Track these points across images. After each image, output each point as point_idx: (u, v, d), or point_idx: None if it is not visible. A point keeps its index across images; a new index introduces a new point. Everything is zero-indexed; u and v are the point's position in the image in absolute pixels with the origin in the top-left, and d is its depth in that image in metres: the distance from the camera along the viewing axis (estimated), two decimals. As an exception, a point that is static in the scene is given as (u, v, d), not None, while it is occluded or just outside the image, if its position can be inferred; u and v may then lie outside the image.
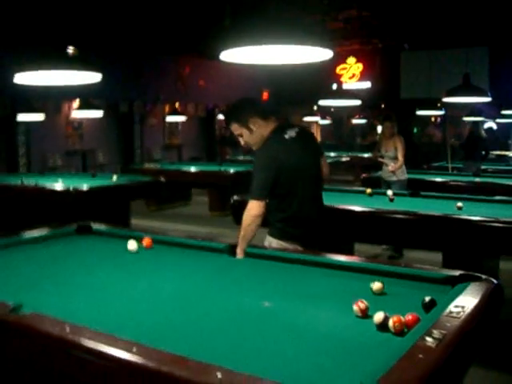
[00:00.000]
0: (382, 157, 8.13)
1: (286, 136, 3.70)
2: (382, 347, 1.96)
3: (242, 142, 3.81)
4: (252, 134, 3.70)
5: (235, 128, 3.74)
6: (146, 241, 3.67)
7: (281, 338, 2.12)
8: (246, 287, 2.85)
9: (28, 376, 2.32)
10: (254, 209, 3.54)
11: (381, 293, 2.63)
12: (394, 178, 7.93)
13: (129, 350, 1.89)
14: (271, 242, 3.76)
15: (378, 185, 7.98)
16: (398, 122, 8.45)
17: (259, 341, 2.10)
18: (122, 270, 3.20)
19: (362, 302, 2.30)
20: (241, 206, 6.19)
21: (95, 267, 3.27)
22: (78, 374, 2.05)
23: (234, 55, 3.17)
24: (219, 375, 1.68)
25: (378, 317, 2.13)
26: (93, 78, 4.49)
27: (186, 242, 3.72)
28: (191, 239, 3.77)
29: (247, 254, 3.37)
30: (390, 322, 2.08)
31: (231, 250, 3.47)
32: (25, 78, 4.43)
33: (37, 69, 4.19)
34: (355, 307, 2.29)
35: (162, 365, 1.79)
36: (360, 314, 2.28)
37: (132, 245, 3.59)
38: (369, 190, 6.65)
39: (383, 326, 2.11)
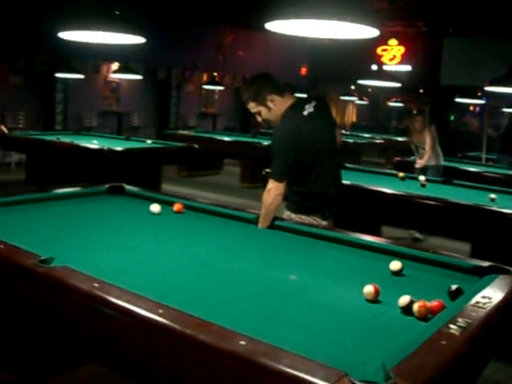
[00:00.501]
0: (417, 148, 8.01)
1: (305, 113, 3.64)
2: (406, 330, 1.97)
3: (260, 119, 3.75)
4: (270, 111, 3.64)
5: (252, 106, 3.67)
6: (177, 206, 3.70)
7: (306, 312, 2.14)
8: (273, 259, 2.86)
9: (53, 328, 2.37)
10: (274, 188, 3.51)
11: (399, 273, 2.64)
12: (432, 163, 7.82)
13: (154, 311, 1.91)
14: (289, 215, 3.76)
15: (411, 169, 7.91)
16: (436, 108, 8.34)
17: (284, 313, 2.11)
18: (151, 233, 3.23)
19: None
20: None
21: (125, 228, 3.31)
22: (103, 330, 2.09)
23: (280, 26, 3.14)
24: (243, 342, 1.70)
25: (404, 300, 2.13)
26: (136, 40, 4.50)
27: (215, 209, 3.73)
28: (221, 207, 3.78)
29: (277, 227, 3.38)
30: (415, 306, 2.08)
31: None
32: (68, 35, 4.46)
33: (84, 28, 4.21)
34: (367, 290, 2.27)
35: (186, 328, 1.81)
36: (369, 298, 2.26)
37: (155, 207, 3.62)
38: (401, 174, 6.61)
39: (408, 310, 2.11)
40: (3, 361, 3.03)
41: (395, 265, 2.66)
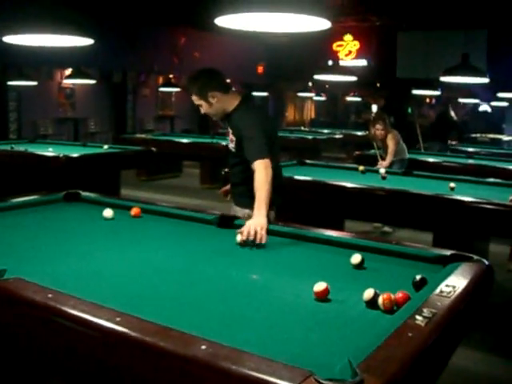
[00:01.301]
0: (381, 155, 7.91)
1: (254, 106, 3.83)
2: (371, 324, 1.93)
3: (202, 112, 3.77)
4: (211, 106, 3.66)
5: (195, 99, 3.69)
6: (134, 210, 3.63)
7: (267, 311, 2.09)
8: (233, 259, 2.80)
9: (8, 342, 2.28)
10: (268, 167, 3.38)
11: (360, 266, 2.62)
12: (396, 158, 7.80)
13: (112, 320, 1.85)
14: (237, 211, 3.72)
15: (371, 163, 7.93)
16: (392, 101, 8.33)
17: (245, 313, 2.06)
18: (108, 239, 3.15)
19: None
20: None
21: (82, 235, 3.22)
22: (61, 342, 2.01)
23: (231, 21, 3.10)
24: (203, 347, 1.64)
25: (368, 293, 2.10)
26: (84, 42, 4.40)
27: (174, 212, 3.67)
28: (180, 209, 3.72)
29: (236, 226, 3.31)
30: (380, 299, 2.05)
31: (220, 221, 3.43)
32: (14, 39, 4.34)
33: (28, 32, 4.10)
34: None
35: (145, 335, 1.75)
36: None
37: (108, 212, 3.55)
38: (361, 168, 6.63)
39: (373, 303, 2.08)
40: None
41: (355, 258, 2.64)
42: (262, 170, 3.37)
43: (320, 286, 2.17)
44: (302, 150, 12.36)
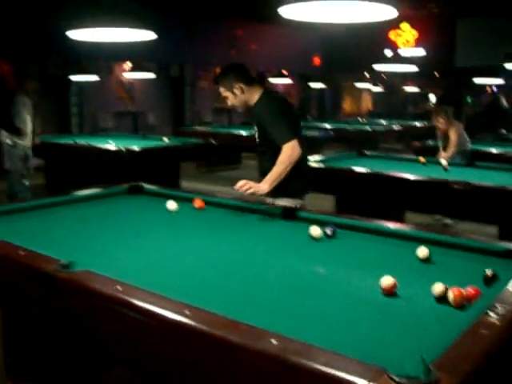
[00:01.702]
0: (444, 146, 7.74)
1: (277, 96, 4.08)
2: (442, 321, 1.89)
3: (229, 103, 4.01)
4: (236, 97, 3.91)
5: (222, 91, 3.96)
6: (198, 202, 3.65)
7: (336, 305, 2.07)
8: (298, 252, 2.79)
9: (76, 333, 2.33)
10: (297, 148, 3.67)
11: (427, 259, 2.56)
12: (459, 149, 7.63)
13: (181, 312, 1.86)
14: (270, 200, 3.84)
15: (431, 154, 7.77)
16: (451, 91, 8.11)
17: (312, 308, 2.04)
18: (172, 231, 3.18)
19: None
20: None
21: (146, 227, 3.26)
22: (128, 334, 2.04)
23: (296, 12, 3.07)
24: (274, 341, 1.64)
25: (438, 288, 2.05)
26: (147, 36, 4.45)
27: (238, 204, 3.68)
28: (244, 202, 3.71)
29: (302, 219, 3.30)
30: (451, 295, 2.00)
31: (284, 213, 3.41)
32: (78, 34, 4.42)
33: (93, 26, 4.16)
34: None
35: (214, 328, 1.76)
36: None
37: (171, 205, 3.58)
38: (422, 159, 6.52)
39: (442, 298, 2.03)
40: (28, 369, 3.00)
41: (422, 251, 2.59)
42: (287, 151, 3.66)
43: (387, 281, 2.13)
44: (360, 141, 12.24)
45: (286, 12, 3.08)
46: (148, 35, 4.42)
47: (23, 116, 7.58)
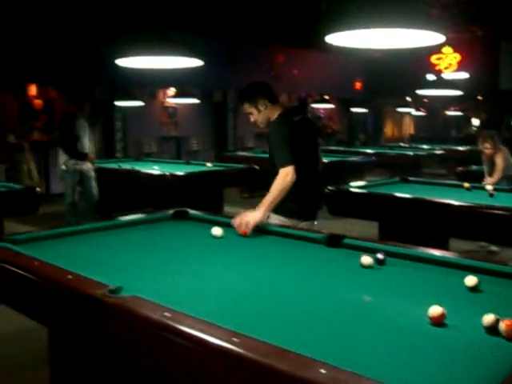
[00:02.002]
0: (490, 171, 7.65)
1: (295, 119, 4.14)
2: (495, 353, 1.86)
3: (252, 119, 4.18)
4: (260, 113, 4.12)
5: (246, 107, 4.15)
6: (242, 229, 3.66)
7: (382, 334, 2.05)
8: (344, 279, 2.78)
9: (123, 359, 2.35)
10: (290, 174, 3.84)
11: (475, 288, 2.52)
12: (504, 174, 7.53)
13: (229, 340, 1.86)
14: (271, 217, 4.02)
15: (475, 179, 7.68)
16: (496, 114, 8.01)
17: (359, 336, 2.03)
18: (218, 257, 3.20)
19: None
20: (335, 196, 6.19)
21: (192, 253, 3.28)
22: (177, 360, 2.04)
23: (343, 39, 3.09)
24: (323, 370, 1.63)
25: (488, 319, 2.02)
26: (194, 63, 4.54)
27: (281, 230, 3.69)
28: (288, 228, 3.72)
29: (348, 246, 3.29)
30: (502, 326, 1.96)
31: (329, 240, 3.40)
32: (128, 62, 4.53)
33: (145, 54, 4.27)
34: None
35: (261, 356, 1.75)
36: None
37: (217, 231, 3.60)
38: (467, 184, 6.45)
39: (493, 330, 2.00)
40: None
41: (471, 280, 2.55)
42: (281, 176, 3.85)
43: (436, 311, 2.11)
44: (402, 166, 12.18)
45: (333, 39, 3.10)
46: (195, 62, 4.51)
47: (84, 139, 7.65)
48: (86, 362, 2.96)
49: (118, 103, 12.00)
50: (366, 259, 2.92)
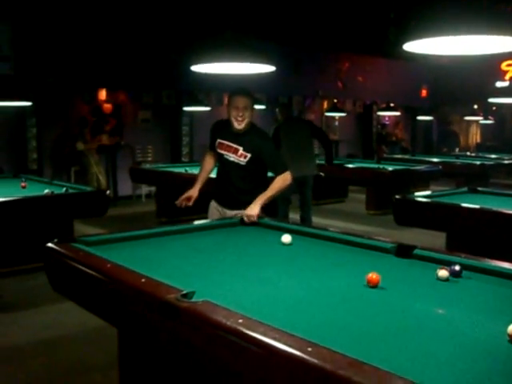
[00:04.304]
0: None
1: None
2: None
3: (240, 116, 4.44)
4: (251, 115, 4.51)
5: (246, 102, 4.46)
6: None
7: (459, 350, 1.98)
8: (415, 291, 2.72)
9: (195, 363, 2.36)
10: (289, 178, 4.49)
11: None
12: None
13: (303, 349, 1.83)
14: (227, 213, 4.58)
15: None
16: None
17: (437, 352, 1.97)
18: (288, 265, 3.19)
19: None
20: (403, 206, 6.12)
21: (260, 259, 3.30)
22: (249, 368, 2.04)
23: (419, 46, 3.04)
24: (401, 384, 1.60)
25: None
26: (266, 69, 4.60)
27: (349, 238, 3.65)
28: (357, 237, 3.69)
29: (419, 257, 3.23)
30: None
31: (399, 250, 3.34)
32: (200, 67, 4.61)
33: (221, 60, 4.34)
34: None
35: (337, 368, 1.72)
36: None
37: (286, 238, 3.61)
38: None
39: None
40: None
41: None
42: (282, 179, 4.47)
43: None
44: (468, 175, 11.94)
45: (410, 47, 3.05)
46: (268, 68, 4.57)
47: None
48: (155, 364, 3.00)
49: (185, 108, 12.16)
50: (443, 272, 2.85)
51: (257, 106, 11.69)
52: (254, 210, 4.23)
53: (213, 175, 4.92)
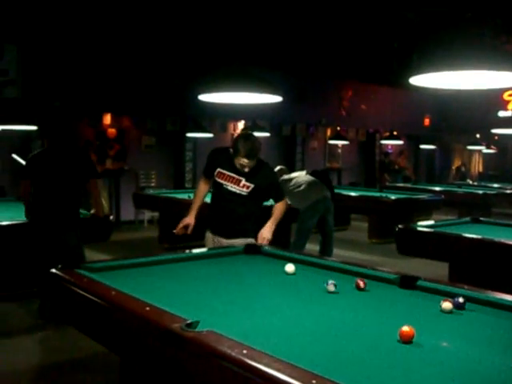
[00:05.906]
0: None
1: None
2: None
3: (247, 167, 4.45)
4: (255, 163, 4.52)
5: (253, 161, 4.44)
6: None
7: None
8: (419, 324, 2.71)
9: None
10: (287, 203, 4.83)
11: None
12: None
13: (307, 382, 1.83)
14: (223, 242, 4.57)
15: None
16: None
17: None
18: (292, 295, 3.19)
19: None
20: (406, 235, 6.12)
21: (264, 289, 3.29)
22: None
23: (425, 80, 3.08)
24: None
25: None
26: (274, 99, 4.63)
27: (352, 269, 3.66)
28: (360, 267, 3.69)
29: (423, 288, 3.24)
30: None
31: (403, 281, 3.34)
32: (209, 97, 4.66)
33: (227, 90, 4.38)
34: None
35: (342, 401, 1.74)
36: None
37: (290, 267, 3.61)
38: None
39: None
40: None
41: None
42: (285, 205, 4.73)
43: None
44: (470, 205, 11.95)
45: (416, 80, 3.09)
46: (274, 98, 4.60)
47: None
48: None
49: (188, 134, 12.22)
50: (447, 304, 2.85)
51: (260, 134, 11.80)
52: (270, 232, 4.47)
53: (207, 199, 4.93)
